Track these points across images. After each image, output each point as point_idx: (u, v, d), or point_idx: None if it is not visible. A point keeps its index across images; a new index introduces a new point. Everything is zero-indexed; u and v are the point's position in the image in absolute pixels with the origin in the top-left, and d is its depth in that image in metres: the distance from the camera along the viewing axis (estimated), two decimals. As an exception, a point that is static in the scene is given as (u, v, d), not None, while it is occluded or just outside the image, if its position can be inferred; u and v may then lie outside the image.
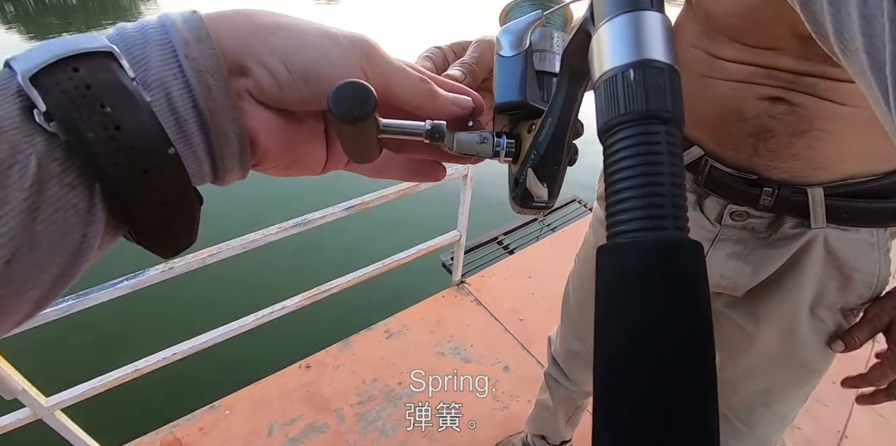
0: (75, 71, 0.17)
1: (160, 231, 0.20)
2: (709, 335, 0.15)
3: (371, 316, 1.70)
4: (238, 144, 0.21)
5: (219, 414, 1.30)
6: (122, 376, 1.12)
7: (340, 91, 0.20)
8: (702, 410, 0.14)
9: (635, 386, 0.14)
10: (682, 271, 0.15)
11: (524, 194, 0.27)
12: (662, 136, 0.16)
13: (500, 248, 2.42)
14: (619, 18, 0.18)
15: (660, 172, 0.15)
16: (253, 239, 1.17)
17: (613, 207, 0.16)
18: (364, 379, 1.46)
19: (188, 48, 0.19)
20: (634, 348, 0.14)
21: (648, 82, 0.16)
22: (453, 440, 1.34)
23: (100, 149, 0.17)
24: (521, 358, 1.61)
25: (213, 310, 1.64)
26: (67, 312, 0.97)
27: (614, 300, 0.15)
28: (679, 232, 0.15)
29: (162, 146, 0.18)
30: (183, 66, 0.19)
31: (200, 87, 0.19)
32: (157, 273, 1.05)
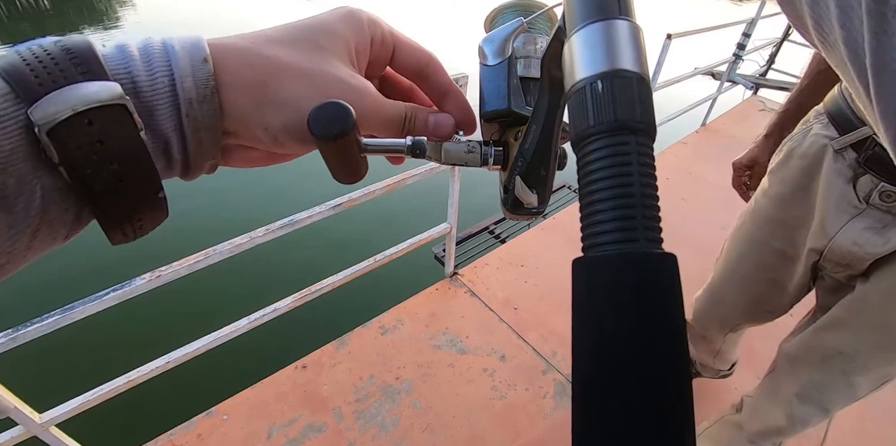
0: (90, 124, 0.18)
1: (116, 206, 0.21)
2: (679, 348, 0.15)
3: (365, 312, 1.69)
4: (209, 169, 0.24)
5: (216, 420, 1.30)
6: (115, 388, 1.11)
7: (319, 111, 0.21)
8: (673, 427, 0.14)
9: (603, 405, 0.15)
10: (653, 285, 0.15)
11: (514, 201, 0.28)
12: (633, 147, 0.16)
13: (491, 238, 2.41)
14: (588, 28, 0.18)
15: (629, 184, 0.15)
16: (240, 242, 1.16)
17: (586, 220, 0.16)
18: (361, 376, 1.47)
19: (191, 108, 0.21)
20: (601, 365, 0.15)
21: (616, 93, 0.16)
22: (453, 432, 1.35)
23: (101, 195, 0.19)
24: (516, 347, 1.61)
25: (204, 316, 1.63)
26: (54, 328, 0.96)
27: (585, 314, 0.16)
28: (651, 243, 0.15)
29: (154, 189, 0.21)
30: (183, 123, 0.21)
31: (194, 141, 0.22)
32: (144, 282, 1.03)
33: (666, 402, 0.14)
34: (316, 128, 0.21)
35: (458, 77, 1.29)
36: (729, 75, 3.40)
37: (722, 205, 2.55)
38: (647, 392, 0.14)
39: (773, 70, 3.99)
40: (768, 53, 3.88)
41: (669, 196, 2.59)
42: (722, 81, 3.37)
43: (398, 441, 1.31)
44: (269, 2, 9.46)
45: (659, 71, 2.38)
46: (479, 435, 1.35)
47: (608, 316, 0.15)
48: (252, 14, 8.91)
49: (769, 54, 3.89)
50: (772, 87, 3.96)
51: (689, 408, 0.15)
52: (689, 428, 0.15)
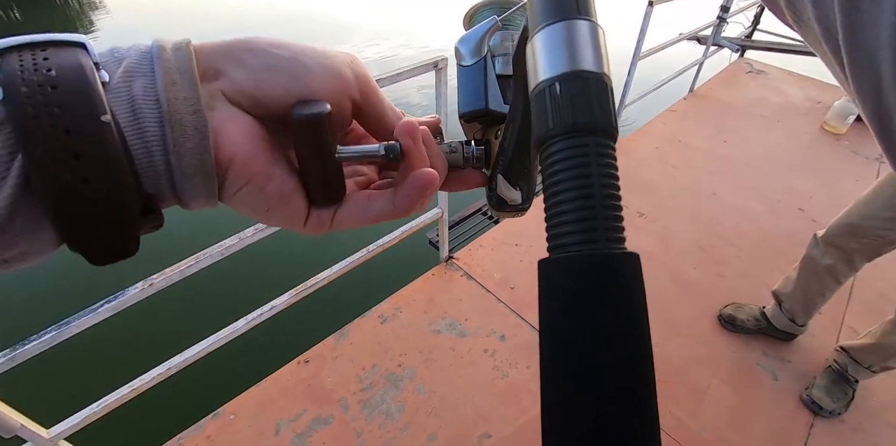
0: (43, 50, 0.18)
1: (83, 228, 0.18)
2: (639, 348, 0.15)
3: (363, 303, 1.69)
4: (198, 140, 0.19)
5: (224, 421, 1.31)
6: (120, 397, 1.12)
7: (299, 103, 0.21)
8: (637, 430, 0.14)
9: (563, 403, 0.15)
10: (614, 285, 0.15)
11: (498, 199, 0.28)
12: (591, 148, 0.16)
13: (485, 219, 2.40)
14: (547, 29, 0.18)
15: (588, 185, 0.15)
16: (230, 244, 1.15)
17: (549, 222, 0.16)
18: (363, 366, 1.47)
19: (163, 52, 0.20)
20: (563, 366, 0.15)
21: (574, 95, 0.17)
22: (459, 414, 1.36)
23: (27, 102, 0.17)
24: (515, 325, 1.62)
25: (202, 319, 1.63)
26: (51, 344, 0.96)
27: (549, 314, 0.16)
28: (612, 243, 0.15)
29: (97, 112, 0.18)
30: (154, 64, 0.19)
31: (164, 80, 0.19)
32: (137, 291, 1.03)
33: (628, 405, 0.14)
34: (294, 113, 0.21)
35: (436, 59, 1.26)
36: (714, 39, 3.34)
37: (712, 171, 2.54)
38: (605, 393, 0.14)
39: (758, 31, 3.92)
40: (753, 14, 3.80)
41: (660, 164, 2.57)
42: (707, 46, 3.31)
43: (405, 426, 1.32)
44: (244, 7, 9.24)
45: (643, 39, 2.33)
46: (484, 414, 1.36)
47: (569, 316, 0.15)
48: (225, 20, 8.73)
49: (754, 15, 3.81)
50: (758, 48, 3.90)
51: (652, 408, 0.15)
52: (654, 430, 0.15)
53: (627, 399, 0.14)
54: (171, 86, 0.19)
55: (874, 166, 2.69)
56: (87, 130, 0.17)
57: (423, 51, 6.24)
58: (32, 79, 0.17)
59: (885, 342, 1.35)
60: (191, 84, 0.20)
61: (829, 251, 1.41)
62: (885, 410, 1.47)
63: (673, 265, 1.92)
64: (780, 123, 3.07)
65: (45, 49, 0.18)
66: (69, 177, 0.17)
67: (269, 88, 0.21)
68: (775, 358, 1.60)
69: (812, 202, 2.35)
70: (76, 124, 0.17)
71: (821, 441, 1.38)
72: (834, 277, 1.44)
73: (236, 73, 0.21)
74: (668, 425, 1.38)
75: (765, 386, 1.52)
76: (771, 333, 1.64)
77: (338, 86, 0.22)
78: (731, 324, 1.66)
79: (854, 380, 1.46)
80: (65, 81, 0.17)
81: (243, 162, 0.21)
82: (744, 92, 3.46)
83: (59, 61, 0.18)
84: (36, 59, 0.17)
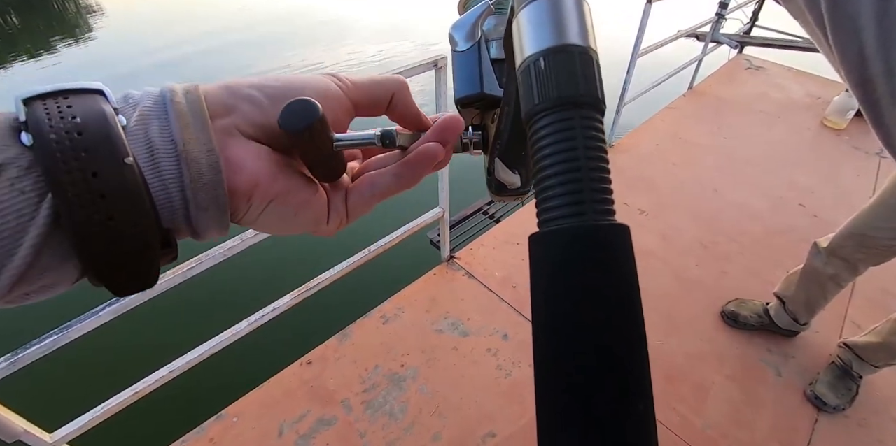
0: (65, 98, 0.19)
1: (103, 253, 0.19)
2: (630, 315, 0.15)
3: (365, 304, 1.69)
4: (211, 175, 0.21)
5: (227, 423, 1.31)
6: (122, 401, 1.11)
7: (287, 108, 0.22)
8: (630, 405, 0.14)
9: (556, 378, 0.15)
10: (602, 255, 0.15)
11: (497, 184, 0.28)
12: (576, 121, 0.16)
13: (486, 218, 2.40)
14: (531, 6, 0.18)
15: (574, 158, 0.15)
16: (232, 245, 1.14)
17: (539, 196, 0.16)
18: (366, 366, 1.47)
19: (175, 95, 0.21)
20: (555, 340, 0.15)
21: (559, 69, 0.17)
22: (462, 413, 1.36)
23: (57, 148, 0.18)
24: (518, 324, 1.62)
25: (204, 321, 1.63)
26: (53, 348, 0.95)
27: (540, 288, 0.16)
28: (599, 215, 0.15)
29: (120, 155, 0.19)
30: (167, 107, 0.21)
31: (178, 123, 0.21)
32: (139, 294, 1.03)
33: (619, 375, 0.14)
34: (284, 122, 0.21)
35: (436, 58, 1.26)
36: (713, 35, 3.33)
37: (713, 167, 2.54)
38: (597, 365, 0.14)
39: (756, 27, 3.91)
40: (751, 10, 3.79)
41: (660, 161, 2.57)
42: (706, 42, 3.31)
43: (408, 427, 1.32)
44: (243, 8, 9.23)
45: (641, 36, 2.32)
46: (488, 414, 1.36)
47: (559, 287, 0.15)
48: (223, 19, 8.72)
49: (752, 11, 3.80)
50: (757, 44, 3.89)
51: (645, 377, 0.15)
52: (647, 395, 0.15)
53: (619, 359, 0.15)
54: (184, 127, 0.21)
55: (875, 161, 2.69)
56: (112, 172, 0.19)
57: (423, 48, 6.24)
58: (60, 126, 0.18)
59: (891, 341, 1.35)
60: (203, 125, 0.21)
61: (833, 261, 1.40)
62: (890, 405, 1.47)
63: (675, 262, 1.91)
64: (780, 119, 3.06)
65: (67, 97, 0.19)
66: (96, 217, 0.18)
67: (275, 116, 0.23)
68: (779, 353, 1.60)
69: (813, 197, 2.35)
70: (102, 167, 0.18)
71: (825, 437, 1.38)
72: (837, 284, 1.44)
73: (245, 107, 0.23)
74: (673, 422, 1.38)
75: (769, 383, 1.51)
76: (773, 330, 1.63)
77: (332, 104, 0.25)
78: (733, 320, 1.66)
79: (858, 376, 1.46)
80: (89, 127, 0.19)
81: (265, 185, 0.23)
82: (743, 88, 3.46)
83: (82, 108, 0.19)
84: (60, 107, 0.19)
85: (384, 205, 0.64)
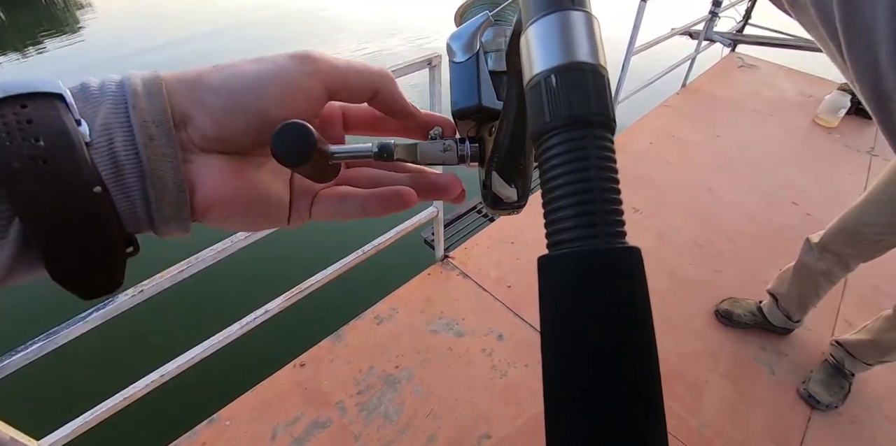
0: (23, 107, 0.18)
1: (74, 270, 0.20)
2: (643, 341, 0.15)
3: (359, 304, 1.67)
4: (176, 194, 0.21)
5: (220, 426, 1.29)
6: (112, 406, 1.09)
7: (280, 135, 0.21)
8: (644, 432, 0.14)
9: (570, 400, 0.15)
10: (615, 279, 0.15)
11: (493, 197, 0.28)
12: (589, 141, 0.16)
13: (480, 217, 2.39)
14: (541, 21, 0.17)
15: (587, 179, 0.15)
16: (222, 248, 1.13)
17: (548, 217, 0.16)
18: (360, 368, 1.46)
19: (137, 100, 0.20)
20: (566, 365, 0.15)
21: (571, 87, 0.16)
22: (457, 414, 1.35)
23: (22, 178, 0.17)
24: (513, 324, 1.61)
25: (195, 325, 1.61)
26: (39, 354, 0.93)
27: (550, 311, 0.16)
28: (612, 238, 0.15)
29: (88, 183, 0.19)
30: (130, 115, 0.20)
31: (142, 136, 0.20)
32: (127, 299, 1.00)
33: (631, 403, 0.14)
34: (281, 154, 0.21)
35: (430, 57, 1.25)
36: (706, 34, 3.33)
37: (707, 165, 2.54)
38: (608, 393, 0.14)
39: (749, 25, 3.93)
40: (744, 9, 3.80)
41: (655, 159, 2.57)
42: (700, 40, 3.31)
43: (403, 428, 1.31)
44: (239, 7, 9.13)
45: (636, 34, 2.32)
46: (484, 415, 1.35)
47: (571, 312, 0.15)
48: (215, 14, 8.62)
49: (745, 9, 3.81)
50: (749, 42, 3.90)
51: (658, 405, 0.15)
52: (661, 422, 0.15)
53: (634, 393, 0.14)
54: (149, 141, 0.20)
55: (866, 159, 2.71)
56: (81, 202, 0.18)
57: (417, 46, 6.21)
58: (23, 152, 0.18)
59: (883, 338, 1.36)
60: (168, 139, 0.20)
61: (825, 257, 1.41)
62: (882, 402, 1.48)
63: (670, 261, 1.92)
64: (773, 117, 3.08)
65: (25, 105, 0.18)
66: (65, 243, 0.19)
67: (231, 130, 0.22)
68: (772, 352, 1.61)
69: (806, 196, 2.36)
70: (71, 197, 0.18)
71: (819, 434, 1.39)
72: (829, 280, 1.45)
73: (200, 117, 0.21)
74: (669, 422, 1.36)
75: (762, 381, 1.52)
76: (767, 328, 1.64)
77: (297, 100, 0.23)
78: (727, 318, 1.66)
79: (850, 374, 1.47)
80: (55, 152, 0.18)
81: (222, 205, 0.23)
82: (736, 86, 3.47)
83: (44, 126, 0.18)
84: (21, 123, 0.18)
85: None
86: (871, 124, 3.06)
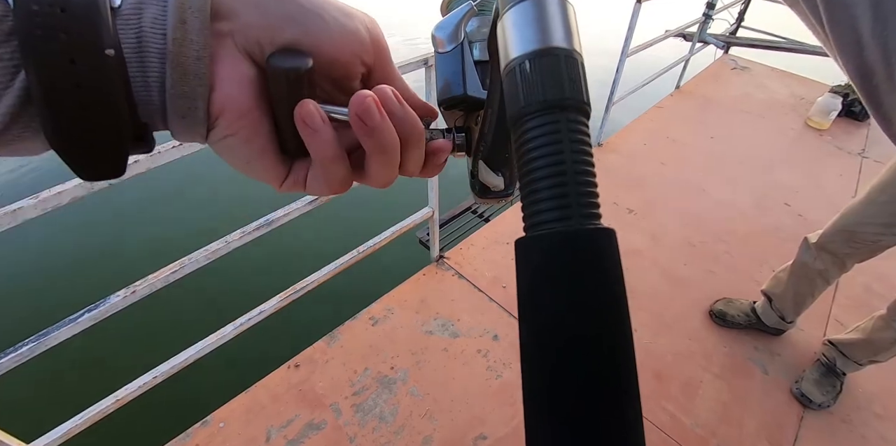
0: None
1: (72, 134, 0.18)
2: (616, 321, 0.15)
3: (354, 305, 1.67)
4: (194, 85, 0.20)
5: (213, 429, 1.28)
6: (104, 408, 1.08)
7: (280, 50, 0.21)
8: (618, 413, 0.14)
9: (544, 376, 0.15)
10: (589, 259, 0.15)
11: (481, 186, 0.28)
12: (562, 125, 0.16)
13: (475, 217, 2.39)
14: (516, 7, 0.17)
15: (560, 162, 0.15)
16: (216, 248, 1.11)
17: (525, 200, 0.16)
18: (355, 369, 1.45)
19: None
20: (542, 345, 0.15)
21: (545, 72, 0.16)
22: (453, 415, 1.35)
23: (37, 22, 0.16)
24: (508, 325, 1.61)
25: (189, 325, 1.59)
26: (29, 356, 0.92)
27: (525, 292, 0.16)
28: (585, 219, 0.15)
29: (102, 45, 0.17)
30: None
31: (175, 17, 0.19)
32: (119, 299, 0.99)
33: (604, 383, 0.14)
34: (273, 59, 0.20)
35: (427, 56, 1.24)
36: (700, 36, 3.36)
37: (701, 167, 2.56)
38: (582, 374, 0.14)
39: (742, 27, 3.96)
40: (737, 11, 3.83)
41: (648, 160, 2.58)
42: (693, 42, 3.33)
43: (398, 430, 1.31)
44: None
45: (630, 36, 2.33)
46: (479, 415, 1.35)
47: (545, 292, 0.15)
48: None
49: (738, 12, 3.84)
50: (742, 44, 3.94)
51: (632, 384, 0.15)
52: (634, 403, 0.15)
53: (607, 368, 0.14)
54: (180, 24, 0.19)
55: (857, 161, 2.74)
56: (90, 62, 0.17)
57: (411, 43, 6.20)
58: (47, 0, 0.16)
59: (875, 338, 1.37)
60: (201, 27, 0.19)
61: (822, 256, 1.42)
62: (872, 401, 1.50)
63: (663, 261, 1.92)
64: (765, 119, 3.10)
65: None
66: (69, 104, 0.17)
67: (279, 38, 0.21)
68: (766, 351, 1.62)
69: (798, 197, 2.38)
70: (80, 54, 0.17)
71: (811, 433, 1.40)
72: (825, 279, 1.46)
73: (251, 16, 0.20)
74: (662, 421, 1.38)
75: (756, 380, 1.53)
76: (761, 328, 1.65)
77: (351, 48, 0.22)
78: (721, 319, 1.67)
79: (842, 373, 1.48)
80: (75, 4, 0.17)
81: (234, 114, 0.21)
82: (729, 88, 3.49)
83: None
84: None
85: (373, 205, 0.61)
86: (862, 126, 3.10)
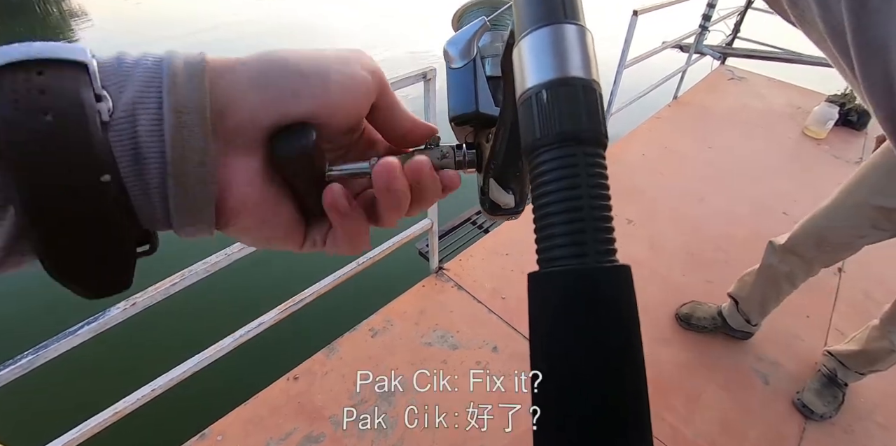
0: (39, 74, 0.16)
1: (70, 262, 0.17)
2: (634, 359, 0.15)
3: (353, 317, 1.67)
4: (199, 192, 0.19)
5: (211, 441, 1.28)
6: (102, 421, 1.08)
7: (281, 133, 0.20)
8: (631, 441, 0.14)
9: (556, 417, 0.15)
10: (604, 299, 0.15)
11: (491, 204, 0.28)
12: (580, 158, 0.16)
13: (475, 228, 2.40)
14: (534, 34, 0.17)
15: (577, 197, 0.15)
16: (216, 261, 1.12)
17: (539, 234, 0.16)
18: (354, 381, 1.45)
19: (175, 80, 0.18)
20: (553, 381, 0.15)
21: (562, 102, 0.16)
22: (452, 428, 1.34)
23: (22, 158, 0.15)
24: (508, 336, 1.61)
25: (188, 338, 1.59)
26: (28, 368, 0.92)
27: (539, 329, 0.16)
28: (601, 256, 0.15)
29: (96, 170, 0.16)
30: (163, 97, 0.18)
31: (172, 122, 0.17)
32: (119, 312, 1.00)
33: (616, 424, 0.14)
34: (276, 147, 0.20)
35: (426, 70, 1.26)
36: (696, 47, 3.40)
37: (699, 176, 2.57)
38: (593, 414, 0.14)
39: (738, 38, 4.00)
40: (733, 22, 3.88)
41: (647, 170, 2.60)
42: (690, 53, 3.37)
43: (397, 442, 1.30)
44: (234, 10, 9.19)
45: (628, 48, 2.36)
46: (478, 428, 1.34)
47: (560, 332, 0.15)
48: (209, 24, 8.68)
49: (734, 23, 3.89)
50: (739, 55, 3.98)
51: (646, 427, 0.15)
52: (647, 440, 0.15)
53: (621, 411, 0.14)
54: (178, 130, 0.17)
55: (853, 170, 2.74)
56: (86, 192, 0.16)
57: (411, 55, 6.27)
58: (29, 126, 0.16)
59: (871, 348, 1.37)
60: (201, 130, 0.18)
61: (789, 259, 1.42)
62: (874, 412, 1.48)
63: (662, 271, 1.93)
64: (763, 129, 3.12)
65: (41, 72, 0.16)
66: (59, 236, 0.17)
67: (284, 119, 0.20)
68: (767, 362, 1.61)
69: (796, 206, 2.38)
70: (76, 182, 0.16)
71: (814, 444, 1.39)
72: (791, 283, 1.46)
73: (252, 101, 0.19)
74: (664, 433, 1.37)
75: (757, 391, 1.52)
76: (727, 332, 1.65)
77: (356, 98, 0.22)
78: (686, 322, 1.67)
79: (844, 384, 1.47)
80: (64, 130, 0.16)
81: (249, 210, 0.21)
82: (726, 98, 3.52)
83: (58, 96, 0.16)
84: (31, 92, 0.16)
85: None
86: (858, 135, 3.11)
